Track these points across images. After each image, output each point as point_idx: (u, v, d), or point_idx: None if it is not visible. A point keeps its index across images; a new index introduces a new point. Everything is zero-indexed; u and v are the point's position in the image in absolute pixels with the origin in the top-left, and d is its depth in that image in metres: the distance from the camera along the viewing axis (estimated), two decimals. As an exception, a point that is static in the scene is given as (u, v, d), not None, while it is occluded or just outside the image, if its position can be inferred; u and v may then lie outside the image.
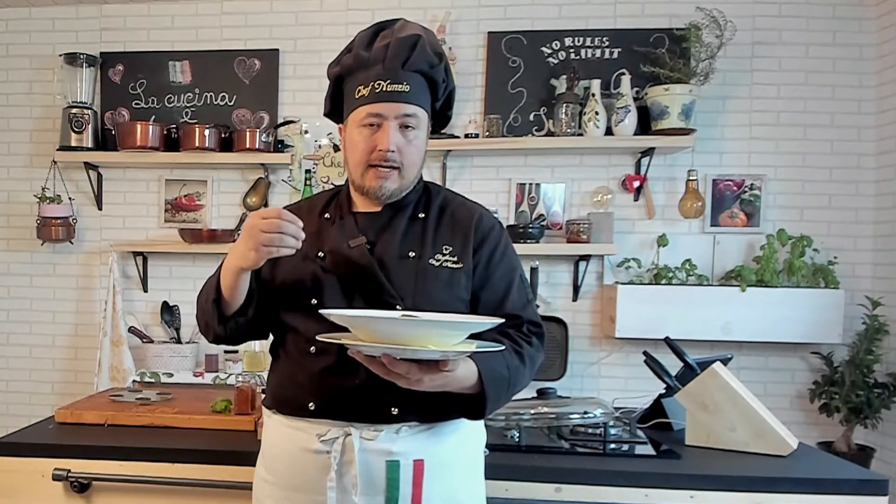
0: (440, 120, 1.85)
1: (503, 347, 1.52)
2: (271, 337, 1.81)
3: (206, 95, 4.00)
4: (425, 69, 1.68)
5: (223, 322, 1.68)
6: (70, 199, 4.05)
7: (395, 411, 1.60)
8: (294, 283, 1.66)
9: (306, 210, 1.82)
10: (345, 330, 1.47)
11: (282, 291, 1.69)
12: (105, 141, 4.03)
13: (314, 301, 1.64)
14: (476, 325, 1.44)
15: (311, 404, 1.64)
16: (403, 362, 1.39)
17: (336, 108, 1.80)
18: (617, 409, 2.66)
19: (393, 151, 1.64)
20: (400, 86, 1.64)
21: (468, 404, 1.58)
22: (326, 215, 1.77)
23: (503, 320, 1.51)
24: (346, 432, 1.61)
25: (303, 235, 1.52)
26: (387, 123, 1.64)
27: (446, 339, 1.39)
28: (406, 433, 1.63)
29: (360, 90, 1.67)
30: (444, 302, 1.64)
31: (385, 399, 1.59)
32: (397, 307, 1.61)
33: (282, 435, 1.70)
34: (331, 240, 1.70)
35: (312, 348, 1.63)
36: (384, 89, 1.64)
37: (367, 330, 1.40)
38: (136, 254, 4.01)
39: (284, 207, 1.87)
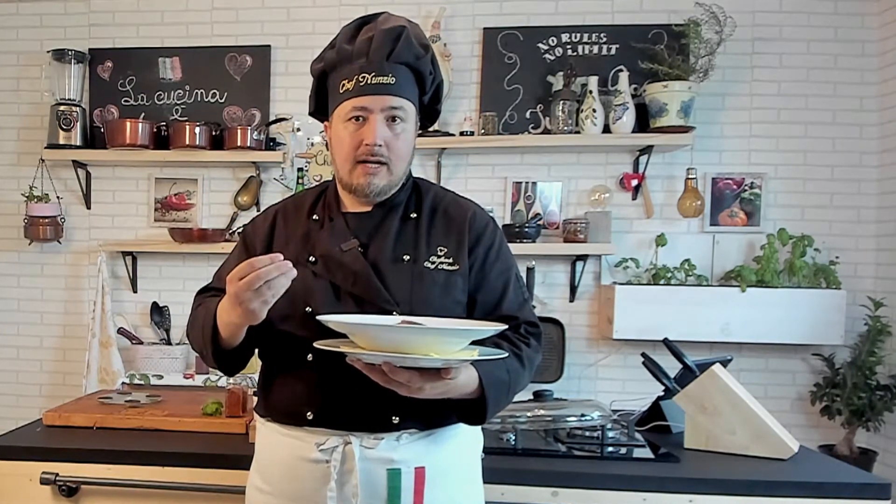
0: (429, 115, 1.81)
1: (506, 354, 1.50)
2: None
3: (197, 92, 3.95)
4: (411, 61, 1.65)
5: (226, 361, 1.66)
6: (58, 197, 4.00)
7: (395, 420, 1.58)
8: (287, 291, 1.61)
9: (293, 209, 1.79)
10: (342, 336, 1.45)
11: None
12: (94, 139, 3.98)
13: (308, 308, 1.61)
14: (479, 333, 1.43)
15: (308, 413, 1.61)
16: (404, 370, 1.37)
17: (321, 106, 1.78)
18: (615, 411, 2.65)
19: (380, 145, 1.61)
20: (385, 78, 1.61)
21: (468, 409, 1.56)
22: (315, 216, 1.74)
23: (506, 327, 1.51)
24: (345, 441, 1.59)
25: (290, 268, 1.43)
26: (373, 116, 1.61)
27: (448, 346, 1.38)
28: (406, 440, 1.61)
29: (344, 84, 1.64)
30: (441, 306, 1.62)
31: (385, 407, 1.57)
32: (393, 313, 1.58)
33: (277, 443, 1.67)
34: (321, 243, 1.67)
35: (309, 356, 1.59)
36: (369, 82, 1.61)
37: (367, 337, 1.38)
38: (125, 254, 3.96)
39: (271, 206, 1.86)
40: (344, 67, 1.65)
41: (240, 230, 3.67)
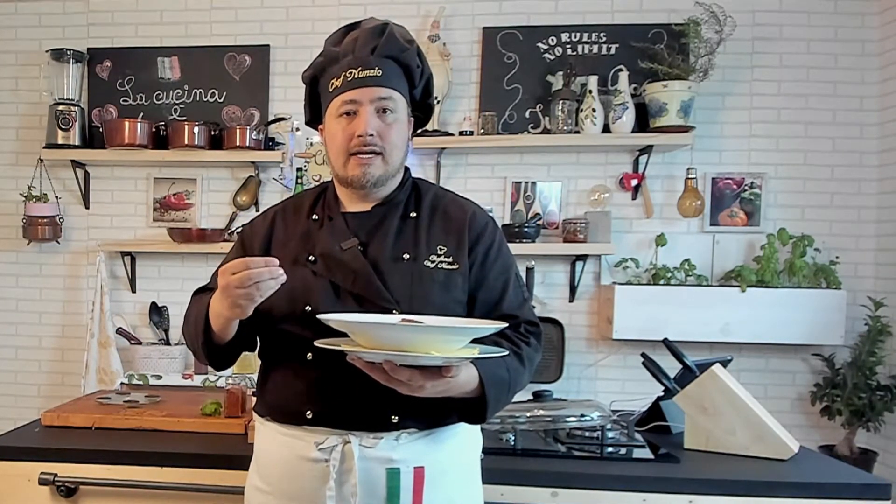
0: (424, 110, 1.83)
1: (506, 353, 1.50)
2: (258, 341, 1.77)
3: (196, 92, 3.94)
4: (396, 54, 1.67)
5: (215, 355, 1.68)
6: (57, 197, 3.99)
7: (395, 419, 1.58)
8: (286, 290, 1.60)
9: (292, 210, 1.80)
10: (343, 335, 1.44)
11: (274, 299, 1.63)
12: (92, 138, 3.97)
13: (308, 307, 1.60)
14: (480, 331, 1.43)
15: (308, 412, 1.61)
16: (405, 369, 1.37)
17: (315, 115, 1.80)
18: (614, 412, 2.64)
19: (372, 135, 1.62)
20: (372, 71, 1.64)
21: (468, 408, 1.56)
22: (314, 216, 1.74)
23: (507, 325, 1.51)
24: (344, 440, 1.58)
25: (281, 273, 1.45)
26: (362, 109, 1.63)
27: (449, 344, 1.38)
28: (406, 440, 1.61)
29: (333, 83, 1.67)
30: (441, 305, 1.61)
31: (385, 406, 1.57)
32: (393, 311, 1.58)
33: (277, 443, 1.67)
34: (321, 242, 1.67)
35: (309, 355, 1.59)
36: (356, 76, 1.64)
37: (368, 336, 1.38)
38: (123, 254, 3.95)
39: (271, 207, 1.86)
40: (332, 67, 1.69)
41: (238, 230, 3.67)
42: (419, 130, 1.95)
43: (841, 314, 3.39)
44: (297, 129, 3.80)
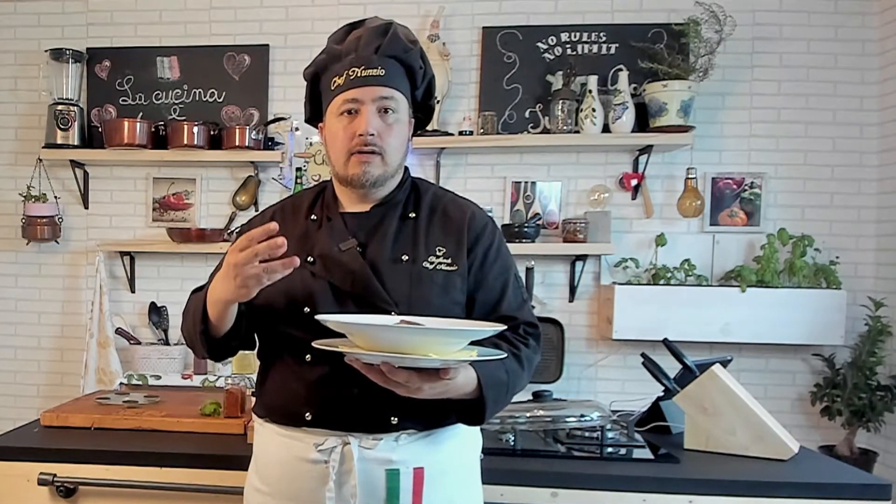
0: (425, 111, 1.82)
1: (505, 355, 1.50)
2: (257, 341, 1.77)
3: (195, 92, 3.94)
4: (399, 54, 1.67)
5: (213, 347, 1.66)
6: (56, 197, 3.99)
7: (394, 420, 1.58)
8: (284, 292, 1.61)
9: (290, 210, 1.79)
10: (342, 336, 1.44)
11: (272, 300, 1.64)
12: (91, 138, 3.97)
13: (307, 309, 1.60)
14: (478, 333, 1.42)
15: (307, 414, 1.60)
16: (403, 370, 1.36)
17: (316, 112, 1.80)
18: (614, 412, 2.64)
19: (373, 135, 1.62)
20: (375, 70, 1.63)
21: (466, 410, 1.56)
22: (313, 217, 1.74)
23: (505, 327, 1.50)
24: (344, 441, 1.58)
25: (283, 245, 1.39)
26: (364, 108, 1.63)
27: (447, 346, 1.37)
28: (405, 441, 1.60)
29: (335, 81, 1.66)
30: (440, 306, 1.61)
31: (384, 407, 1.56)
32: (392, 313, 1.57)
33: (276, 444, 1.67)
34: (320, 243, 1.67)
35: (308, 356, 1.59)
36: (359, 75, 1.63)
37: (366, 337, 1.37)
38: (123, 254, 3.95)
39: (269, 206, 1.86)
40: (334, 65, 1.68)
41: (237, 230, 3.67)
42: (418, 131, 1.94)
43: (841, 314, 3.39)
44: (297, 129, 3.80)
